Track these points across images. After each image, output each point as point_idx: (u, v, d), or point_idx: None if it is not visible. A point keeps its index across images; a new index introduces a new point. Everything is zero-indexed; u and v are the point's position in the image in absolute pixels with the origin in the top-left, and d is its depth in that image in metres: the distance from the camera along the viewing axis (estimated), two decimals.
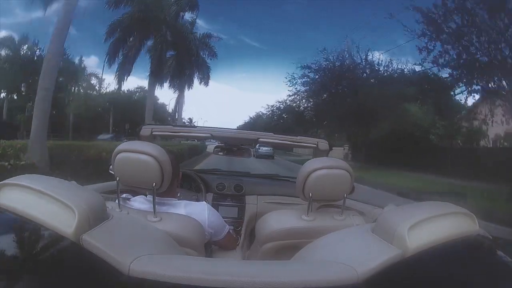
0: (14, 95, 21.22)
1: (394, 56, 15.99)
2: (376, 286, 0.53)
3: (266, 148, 17.90)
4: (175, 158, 1.04)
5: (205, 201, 1.32)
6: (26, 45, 19.81)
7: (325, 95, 16.35)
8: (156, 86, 16.58)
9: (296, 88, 18.20)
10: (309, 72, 16.39)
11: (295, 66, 19.23)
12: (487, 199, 6.05)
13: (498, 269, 0.60)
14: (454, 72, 10.72)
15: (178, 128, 1.47)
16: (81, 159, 6.01)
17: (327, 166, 0.93)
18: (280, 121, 26.69)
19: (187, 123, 47.09)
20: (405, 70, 14.29)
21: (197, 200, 1.42)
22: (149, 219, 0.85)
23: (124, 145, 0.89)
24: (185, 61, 16.51)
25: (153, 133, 1.39)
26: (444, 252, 0.57)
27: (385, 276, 0.53)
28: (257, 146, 17.52)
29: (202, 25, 49.13)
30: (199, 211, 1.01)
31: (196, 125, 2.00)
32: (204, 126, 1.89)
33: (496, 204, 5.55)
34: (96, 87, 23.50)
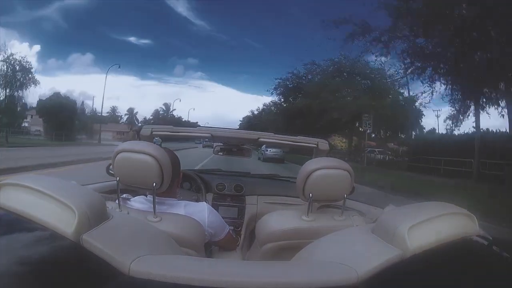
0: None
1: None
2: (376, 287, 0.53)
3: (275, 150, 16.05)
4: (176, 158, 1.04)
5: (205, 201, 1.32)
6: None
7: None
8: None
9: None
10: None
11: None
12: None
13: (498, 270, 0.60)
14: None
15: (178, 128, 1.47)
16: None
17: (327, 166, 0.93)
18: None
19: (159, 110, 45.25)
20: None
21: (197, 200, 1.42)
22: (149, 219, 0.85)
23: (124, 145, 0.89)
24: None
25: (153, 133, 1.39)
26: (444, 252, 0.57)
27: (385, 277, 0.53)
28: (263, 148, 16.02)
29: (205, 26, 49.40)
30: (199, 211, 1.01)
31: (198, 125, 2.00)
32: (205, 126, 1.89)
33: None
34: None
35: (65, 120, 23.53)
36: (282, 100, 23.68)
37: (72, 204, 0.54)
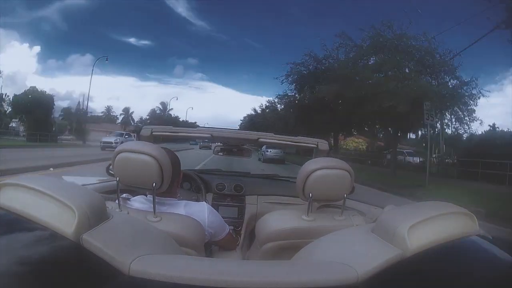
0: None
1: None
2: (376, 286, 0.53)
3: (275, 151, 15.55)
4: (176, 158, 1.04)
5: (205, 201, 1.32)
6: None
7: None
8: None
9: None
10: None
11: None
12: None
13: (498, 269, 0.60)
14: None
15: (178, 128, 1.48)
16: None
17: (327, 166, 0.93)
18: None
19: (156, 110, 43.26)
20: None
21: (197, 200, 1.42)
22: (149, 219, 0.85)
23: (124, 145, 0.89)
24: None
25: (153, 133, 1.39)
26: (444, 252, 0.57)
27: (385, 276, 0.53)
28: (263, 148, 15.34)
29: (204, 27, 49.42)
30: (198, 211, 1.01)
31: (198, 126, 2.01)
32: (204, 126, 1.89)
33: None
34: None
35: (40, 118, 20.52)
36: (296, 91, 17.84)
37: (72, 204, 0.54)
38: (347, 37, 13.98)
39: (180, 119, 41.47)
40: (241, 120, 39.79)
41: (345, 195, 0.95)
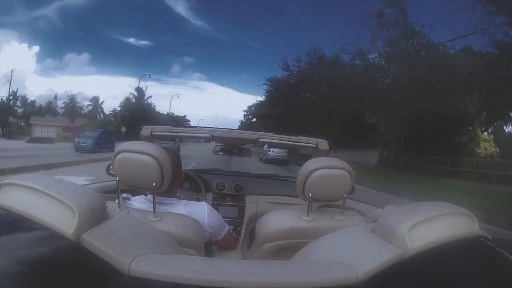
0: None
1: None
2: (376, 287, 0.53)
3: (278, 150, 14.28)
4: (177, 159, 1.04)
5: (205, 201, 1.32)
6: None
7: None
8: None
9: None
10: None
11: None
12: None
13: (498, 270, 0.60)
14: None
15: (178, 128, 1.48)
16: None
17: (327, 166, 0.93)
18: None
19: (131, 98, 34.97)
20: None
21: (197, 200, 1.43)
22: (149, 218, 0.85)
23: (124, 145, 0.89)
24: None
25: (153, 133, 1.39)
26: (444, 252, 0.57)
27: (385, 277, 0.53)
28: (265, 148, 14.18)
29: (204, 26, 49.44)
30: (199, 211, 1.01)
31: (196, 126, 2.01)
32: (204, 126, 1.90)
33: None
34: None
35: None
36: None
37: (72, 203, 0.54)
38: None
39: (154, 106, 34.96)
40: (244, 111, 37.23)
41: (345, 195, 0.95)
